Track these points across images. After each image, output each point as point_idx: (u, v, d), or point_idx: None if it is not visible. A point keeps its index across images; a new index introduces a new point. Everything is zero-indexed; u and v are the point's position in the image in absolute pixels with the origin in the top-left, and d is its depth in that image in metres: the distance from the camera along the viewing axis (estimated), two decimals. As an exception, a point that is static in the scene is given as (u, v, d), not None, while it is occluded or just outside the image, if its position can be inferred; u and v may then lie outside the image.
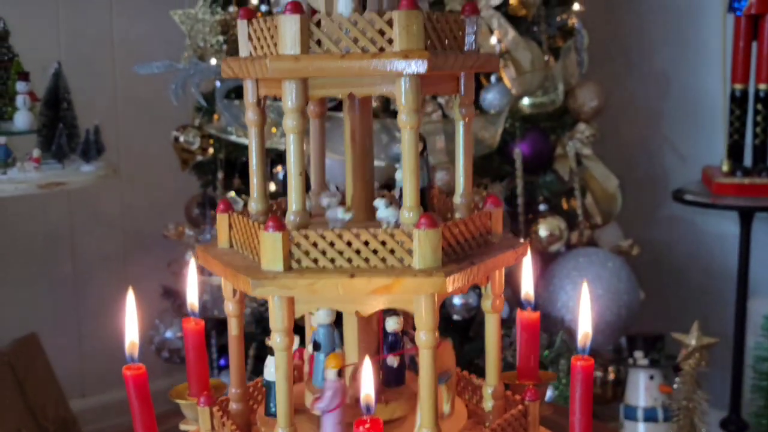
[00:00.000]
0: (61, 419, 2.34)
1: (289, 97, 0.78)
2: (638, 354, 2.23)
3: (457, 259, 0.82)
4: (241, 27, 0.85)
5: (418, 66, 0.76)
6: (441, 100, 2.09)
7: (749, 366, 2.37)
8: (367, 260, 0.79)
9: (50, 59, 2.63)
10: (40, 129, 2.18)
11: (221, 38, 2.27)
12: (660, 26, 2.70)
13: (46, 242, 2.71)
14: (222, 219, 0.92)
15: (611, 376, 2.33)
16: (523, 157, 2.17)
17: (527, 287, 1.03)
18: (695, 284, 2.70)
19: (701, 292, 2.69)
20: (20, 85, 2.14)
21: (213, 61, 2.13)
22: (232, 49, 2.25)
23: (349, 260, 0.79)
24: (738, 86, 2.29)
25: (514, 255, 0.90)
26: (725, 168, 2.28)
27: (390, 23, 0.78)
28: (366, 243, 0.79)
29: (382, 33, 0.78)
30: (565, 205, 2.30)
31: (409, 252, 0.79)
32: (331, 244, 0.79)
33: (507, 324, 1.87)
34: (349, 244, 0.79)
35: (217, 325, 2.30)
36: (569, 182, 2.24)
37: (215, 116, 2.21)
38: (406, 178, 0.79)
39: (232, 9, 2.28)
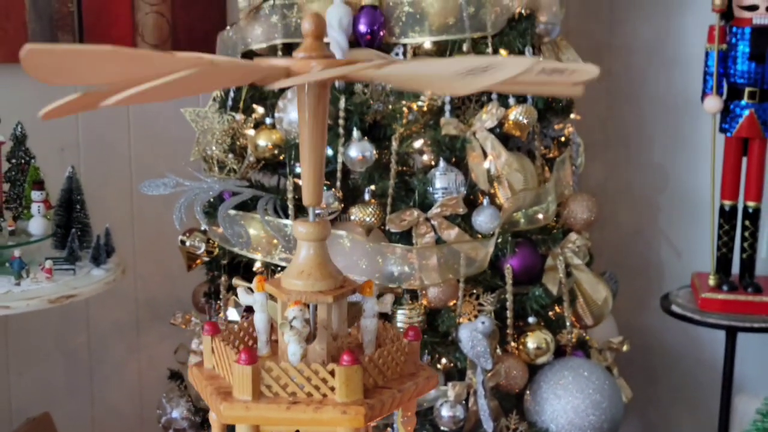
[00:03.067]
0: (71, 498, 2.48)
1: (242, 437, 0.88)
2: (620, 460, 2.32)
3: None
4: (206, 342, 0.95)
5: (354, 421, 0.85)
6: (434, 222, 2.18)
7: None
8: None
9: (69, 139, 2.76)
10: (55, 231, 2.30)
11: (228, 141, 2.36)
12: (658, 121, 2.76)
13: (61, 314, 2.83)
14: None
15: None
16: (513, 272, 2.25)
17: None
18: (685, 373, 2.78)
19: (691, 380, 2.77)
20: (35, 194, 2.26)
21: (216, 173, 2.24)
22: (238, 158, 2.35)
23: None
24: (727, 202, 2.36)
25: None
26: (712, 282, 2.36)
27: (333, 373, 0.87)
28: None
29: (325, 381, 0.87)
30: (557, 309, 2.38)
31: None
32: None
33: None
34: None
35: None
36: (558, 293, 2.32)
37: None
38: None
39: (238, 117, 2.38)
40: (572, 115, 2.45)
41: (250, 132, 2.38)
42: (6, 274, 2.15)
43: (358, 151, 2.14)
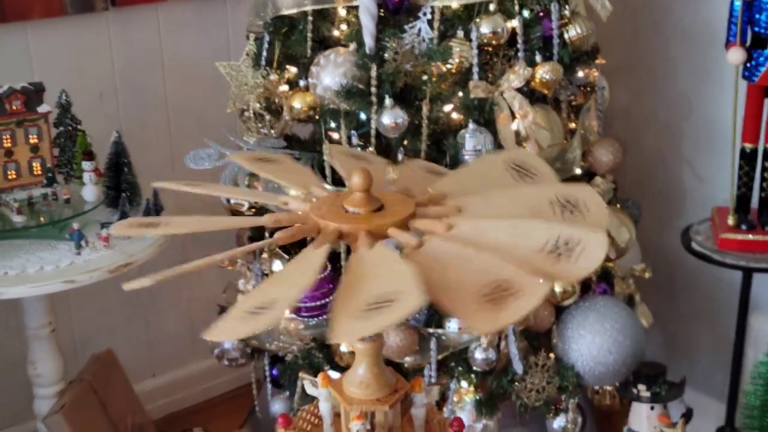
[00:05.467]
0: (138, 426, 2.72)
1: None
2: (641, 387, 2.50)
3: None
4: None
5: None
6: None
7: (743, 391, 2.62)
8: None
9: (107, 85, 2.85)
10: (107, 193, 2.43)
11: (263, 103, 2.45)
12: (683, 50, 2.79)
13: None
14: None
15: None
16: (542, 221, 2.37)
17: None
18: (704, 290, 2.93)
19: (710, 298, 2.92)
20: (86, 165, 2.37)
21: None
22: (274, 116, 2.45)
23: None
24: (748, 145, 2.44)
25: None
26: (731, 222, 2.46)
27: (392, 477, 1.02)
28: None
29: (385, 483, 1.03)
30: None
31: None
32: None
33: None
34: None
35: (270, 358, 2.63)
36: (584, 236, 2.44)
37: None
38: None
39: (272, 77, 2.45)
40: (597, 60, 2.50)
41: (284, 87, 2.46)
42: (64, 240, 2.29)
43: (391, 118, 2.23)
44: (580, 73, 2.46)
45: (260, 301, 1.00)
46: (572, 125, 2.49)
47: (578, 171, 2.45)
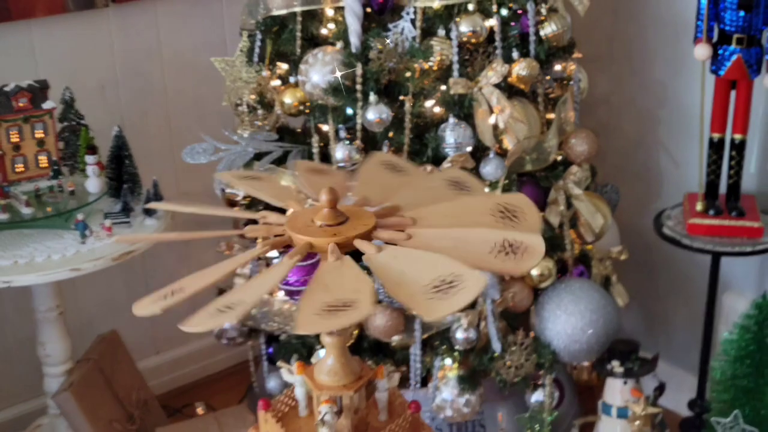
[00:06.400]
0: (142, 401, 2.89)
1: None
2: (615, 363, 2.65)
3: None
4: (261, 416, 1.25)
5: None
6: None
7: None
8: None
9: (108, 78, 2.98)
10: (109, 184, 2.57)
11: (256, 97, 2.58)
12: (659, 39, 2.92)
13: (117, 234, 3.15)
14: None
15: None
16: (520, 208, 2.51)
17: None
18: (679, 269, 3.07)
19: (684, 276, 3.06)
20: (89, 158, 2.51)
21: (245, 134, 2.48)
22: (265, 111, 2.58)
23: None
24: (716, 135, 2.57)
25: None
26: (699, 208, 2.60)
27: (357, 455, 1.17)
28: None
29: (352, 460, 1.18)
30: (558, 231, 2.65)
31: None
32: None
33: None
34: None
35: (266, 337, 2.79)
36: (560, 222, 2.59)
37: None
38: None
39: (265, 73, 2.58)
40: (574, 55, 2.62)
41: (276, 83, 2.60)
42: (70, 229, 2.44)
43: (376, 113, 2.36)
44: (558, 67, 2.58)
45: (230, 301, 1.15)
46: (549, 116, 2.61)
47: (557, 158, 2.58)
